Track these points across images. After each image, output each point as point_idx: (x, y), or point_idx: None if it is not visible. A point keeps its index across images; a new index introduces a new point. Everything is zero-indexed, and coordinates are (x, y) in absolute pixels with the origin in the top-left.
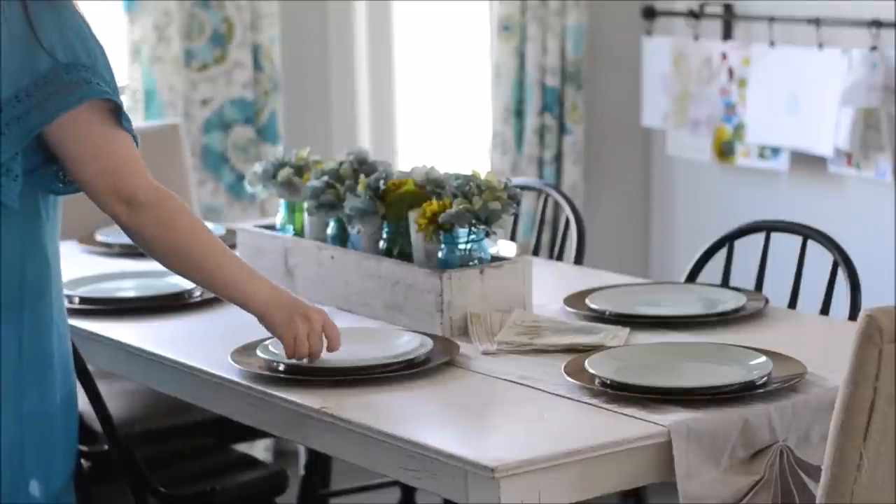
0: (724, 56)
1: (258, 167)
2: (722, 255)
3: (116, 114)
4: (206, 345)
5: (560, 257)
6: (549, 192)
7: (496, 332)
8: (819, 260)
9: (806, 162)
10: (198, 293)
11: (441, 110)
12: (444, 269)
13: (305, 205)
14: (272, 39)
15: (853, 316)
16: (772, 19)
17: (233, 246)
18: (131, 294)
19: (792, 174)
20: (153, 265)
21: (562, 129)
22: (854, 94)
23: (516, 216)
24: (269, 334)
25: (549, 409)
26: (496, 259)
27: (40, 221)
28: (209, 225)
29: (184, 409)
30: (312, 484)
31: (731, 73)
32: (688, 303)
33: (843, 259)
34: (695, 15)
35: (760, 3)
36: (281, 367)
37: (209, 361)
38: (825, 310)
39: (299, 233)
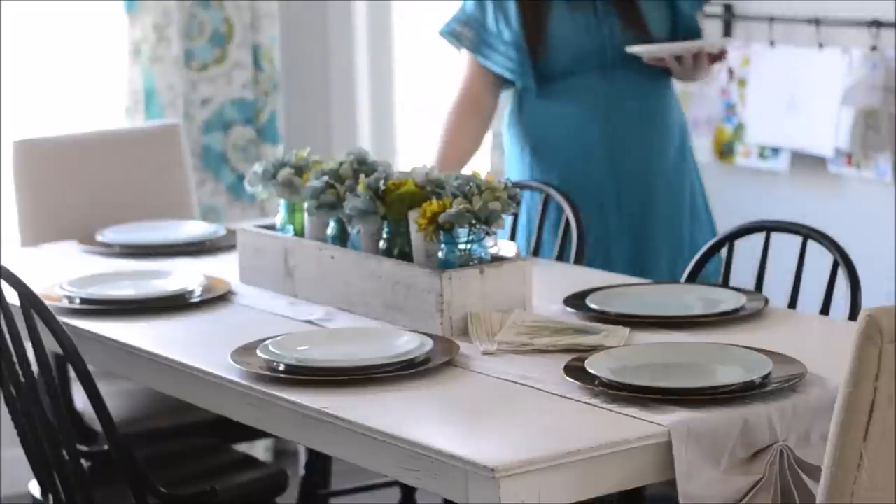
0: None
1: (258, 167)
2: (722, 255)
3: None
4: (206, 345)
5: (560, 257)
6: (550, 192)
7: (496, 332)
8: (819, 260)
9: (806, 162)
10: (198, 293)
11: (441, 111)
12: (444, 269)
13: (305, 205)
14: (272, 39)
15: (853, 316)
16: (772, 19)
17: (232, 246)
18: (131, 294)
19: (792, 174)
20: (153, 265)
21: None
22: (854, 94)
23: (516, 216)
24: (269, 334)
25: (549, 409)
26: (496, 259)
27: None
28: (210, 226)
29: (184, 409)
30: (312, 484)
31: (731, 73)
32: (688, 303)
33: (843, 259)
34: None
35: (760, 3)
36: (281, 367)
37: (209, 361)
38: (825, 310)
39: (299, 233)
